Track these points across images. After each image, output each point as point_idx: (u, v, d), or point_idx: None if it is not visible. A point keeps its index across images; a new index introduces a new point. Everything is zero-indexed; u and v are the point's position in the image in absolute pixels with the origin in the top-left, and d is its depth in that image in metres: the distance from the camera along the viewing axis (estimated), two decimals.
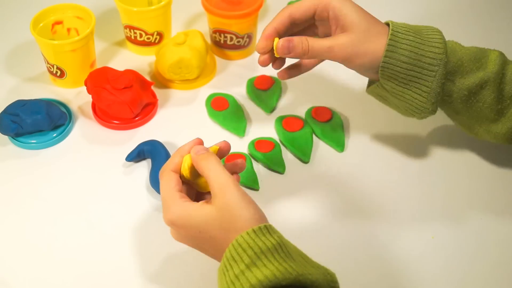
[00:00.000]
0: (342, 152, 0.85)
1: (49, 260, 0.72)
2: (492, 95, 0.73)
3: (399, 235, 0.75)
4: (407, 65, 0.71)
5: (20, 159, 0.83)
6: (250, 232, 0.59)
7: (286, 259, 0.57)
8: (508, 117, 0.74)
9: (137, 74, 0.88)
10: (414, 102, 0.73)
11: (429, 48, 0.71)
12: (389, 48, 0.70)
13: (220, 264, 0.61)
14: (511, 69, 0.74)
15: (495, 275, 0.72)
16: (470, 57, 0.73)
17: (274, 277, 0.55)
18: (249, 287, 0.56)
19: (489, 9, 1.07)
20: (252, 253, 0.58)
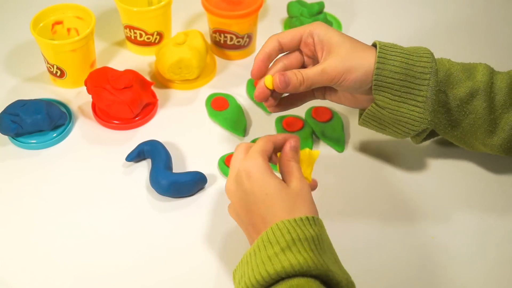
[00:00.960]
0: (342, 152, 0.85)
1: (49, 259, 0.72)
2: (484, 105, 0.74)
3: (399, 235, 0.75)
4: (400, 75, 0.71)
5: (20, 159, 0.83)
6: (292, 220, 0.60)
7: (320, 252, 0.59)
8: (501, 127, 0.75)
9: (137, 74, 0.88)
10: (412, 114, 0.73)
11: (418, 58, 0.72)
12: (380, 60, 0.71)
13: (250, 248, 0.61)
14: (500, 79, 0.75)
15: (495, 275, 0.72)
16: (458, 68, 0.75)
17: (306, 265, 0.57)
18: (280, 267, 0.57)
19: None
20: (289, 238, 0.59)
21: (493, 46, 1.02)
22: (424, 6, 1.09)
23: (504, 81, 0.75)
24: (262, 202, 0.63)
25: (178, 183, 0.77)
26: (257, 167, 0.64)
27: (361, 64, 0.72)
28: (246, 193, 0.64)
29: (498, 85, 0.74)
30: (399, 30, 1.04)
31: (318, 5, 0.99)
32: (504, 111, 0.74)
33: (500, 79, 0.75)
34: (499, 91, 0.74)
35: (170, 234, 0.75)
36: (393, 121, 0.75)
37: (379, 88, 0.72)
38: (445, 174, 0.82)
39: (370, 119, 0.77)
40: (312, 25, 0.74)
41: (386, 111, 0.74)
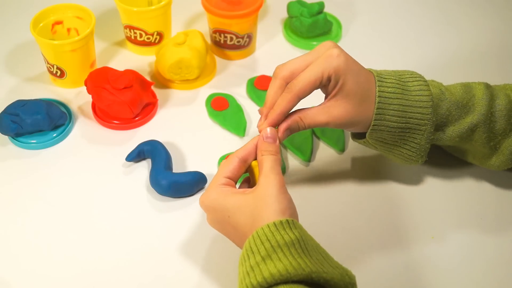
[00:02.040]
0: (342, 152, 0.85)
1: (49, 259, 0.72)
2: (484, 135, 0.74)
3: (399, 235, 0.75)
4: (396, 129, 0.72)
5: (20, 159, 0.83)
6: (271, 225, 0.60)
7: (302, 255, 0.58)
8: (501, 151, 0.75)
9: (137, 74, 0.88)
10: (404, 156, 0.75)
11: (416, 109, 0.71)
12: (377, 117, 0.70)
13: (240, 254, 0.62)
14: (499, 105, 0.74)
15: (495, 275, 0.72)
16: (457, 105, 0.73)
17: (286, 272, 0.57)
18: (261, 279, 0.57)
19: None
20: (269, 245, 0.59)
21: (493, 45, 1.02)
22: (424, 5, 1.09)
23: (503, 107, 0.74)
24: (230, 225, 0.65)
25: (178, 183, 0.77)
26: (208, 199, 0.65)
27: (362, 121, 0.71)
28: (216, 222, 0.67)
29: (497, 114, 0.74)
30: (399, 30, 1.04)
31: (318, 5, 0.99)
32: (504, 136, 0.74)
33: (499, 105, 0.74)
34: (499, 118, 0.74)
35: (170, 234, 0.75)
36: (385, 154, 0.77)
37: (373, 138, 0.73)
38: (445, 173, 0.82)
39: (362, 144, 0.77)
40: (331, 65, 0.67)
41: (379, 149, 0.76)
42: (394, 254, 0.74)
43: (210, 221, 0.68)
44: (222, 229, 0.67)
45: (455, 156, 0.82)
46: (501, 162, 0.76)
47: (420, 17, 1.07)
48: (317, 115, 0.70)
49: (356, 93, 0.69)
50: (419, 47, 1.01)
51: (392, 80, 0.71)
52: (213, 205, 0.65)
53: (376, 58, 0.99)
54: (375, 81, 0.71)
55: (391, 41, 1.02)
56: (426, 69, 0.96)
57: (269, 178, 0.64)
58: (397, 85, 0.71)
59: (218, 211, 0.65)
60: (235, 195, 0.64)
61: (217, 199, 0.65)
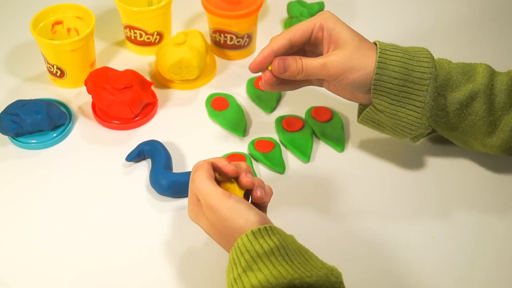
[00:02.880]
0: (342, 152, 0.85)
1: (49, 259, 0.72)
2: (484, 107, 0.74)
3: (399, 235, 0.75)
4: (398, 81, 0.71)
5: (20, 159, 0.83)
6: (249, 234, 0.60)
7: (282, 262, 0.58)
8: (501, 129, 0.75)
9: (137, 74, 0.88)
10: (409, 119, 0.73)
11: (418, 63, 0.72)
12: (379, 65, 0.71)
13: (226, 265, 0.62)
14: (500, 80, 0.75)
15: (495, 274, 0.72)
16: (458, 71, 0.74)
17: (267, 283, 0.56)
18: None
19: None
20: (248, 256, 0.59)
21: (492, 45, 1.02)
22: (423, 5, 1.09)
23: (504, 83, 0.74)
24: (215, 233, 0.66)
25: (178, 183, 0.77)
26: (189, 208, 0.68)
27: (362, 66, 0.71)
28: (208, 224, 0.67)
29: (498, 87, 0.74)
30: (399, 30, 1.04)
31: (318, 5, 0.99)
32: (504, 112, 0.74)
33: (500, 80, 0.75)
34: (499, 92, 0.74)
35: (170, 234, 0.75)
36: (391, 124, 0.75)
37: (378, 92, 0.72)
38: (445, 174, 0.82)
39: (369, 120, 0.77)
40: (322, 17, 0.73)
41: (384, 114, 0.74)
42: (394, 254, 0.74)
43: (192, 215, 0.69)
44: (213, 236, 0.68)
45: (455, 155, 0.82)
46: (502, 141, 0.75)
47: (420, 17, 1.07)
48: (315, 58, 0.72)
49: (353, 39, 0.72)
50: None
51: (391, 44, 0.74)
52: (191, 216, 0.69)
53: None
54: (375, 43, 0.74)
55: (391, 41, 1.02)
56: None
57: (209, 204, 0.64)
58: (398, 46, 0.74)
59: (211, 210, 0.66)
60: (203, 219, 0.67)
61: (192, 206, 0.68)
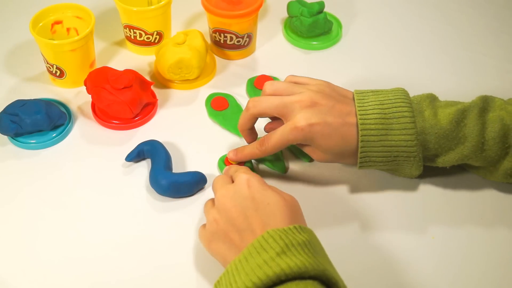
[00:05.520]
0: None
1: (49, 259, 0.72)
2: (477, 163, 0.75)
3: (400, 235, 0.75)
4: (384, 164, 0.74)
5: (20, 159, 0.83)
6: (281, 229, 0.61)
7: (315, 255, 0.60)
8: (499, 171, 0.75)
9: (137, 74, 0.87)
10: (399, 174, 0.79)
11: (402, 148, 0.73)
12: (362, 161, 0.74)
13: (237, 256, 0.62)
14: (491, 133, 0.72)
15: (495, 274, 0.72)
16: (446, 138, 0.73)
17: (304, 266, 0.57)
18: (279, 270, 0.57)
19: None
20: (283, 244, 0.60)
21: (493, 44, 1.01)
22: (424, 5, 1.09)
23: (496, 135, 0.72)
24: (262, 210, 0.65)
25: (178, 183, 0.77)
26: (257, 179, 0.68)
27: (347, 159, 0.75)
28: (246, 199, 0.66)
29: (489, 142, 0.72)
30: (399, 30, 1.04)
31: (318, 4, 0.98)
32: (499, 160, 0.74)
33: (491, 133, 0.72)
34: (491, 147, 0.72)
35: (169, 234, 0.75)
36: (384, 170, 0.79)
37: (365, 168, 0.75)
38: (446, 174, 0.82)
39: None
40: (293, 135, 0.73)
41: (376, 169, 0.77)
42: (395, 254, 0.73)
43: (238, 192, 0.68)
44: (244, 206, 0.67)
45: None
46: (502, 178, 0.76)
47: (420, 17, 1.07)
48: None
49: (332, 151, 0.73)
50: (419, 47, 1.01)
51: (376, 121, 0.72)
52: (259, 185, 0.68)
53: (376, 57, 0.99)
54: (358, 124, 0.72)
55: (391, 41, 1.02)
56: (425, 68, 0.97)
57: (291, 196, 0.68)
58: (381, 125, 0.72)
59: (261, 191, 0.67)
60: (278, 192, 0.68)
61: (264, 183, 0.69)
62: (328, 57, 0.99)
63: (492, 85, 0.79)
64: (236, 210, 0.65)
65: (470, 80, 0.94)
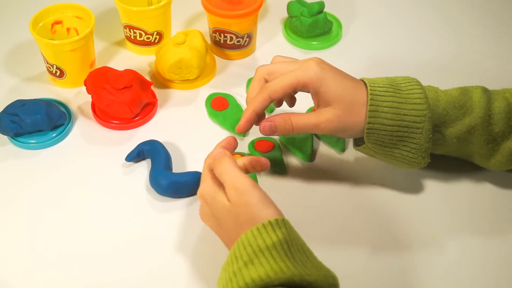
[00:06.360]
0: (342, 152, 0.84)
1: (49, 259, 0.72)
2: (482, 138, 0.74)
3: (399, 235, 0.75)
4: (392, 127, 0.71)
5: (20, 159, 0.83)
6: (254, 229, 0.60)
7: (283, 258, 0.58)
8: (500, 152, 0.75)
9: (137, 74, 0.87)
10: (404, 158, 0.73)
11: (411, 106, 0.71)
12: (371, 114, 0.70)
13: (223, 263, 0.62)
14: (497, 107, 0.73)
15: (495, 274, 0.72)
16: (454, 105, 0.73)
17: (267, 277, 0.57)
18: (243, 284, 0.57)
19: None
20: (251, 250, 0.59)
21: (493, 44, 1.02)
22: (424, 6, 1.09)
23: (502, 110, 0.73)
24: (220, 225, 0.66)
25: (177, 183, 0.77)
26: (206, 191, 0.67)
27: (355, 124, 0.71)
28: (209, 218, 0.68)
29: (495, 116, 0.73)
30: (399, 30, 1.04)
31: (318, 4, 0.98)
32: (503, 139, 0.74)
33: (498, 107, 0.73)
34: (497, 121, 0.73)
35: (169, 234, 0.75)
36: (387, 159, 0.76)
37: (371, 141, 0.72)
38: (446, 174, 0.82)
39: (364, 152, 0.77)
40: (305, 74, 0.70)
41: (379, 154, 0.75)
42: (394, 254, 0.73)
43: (203, 213, 0.68)
44: (213, 226, 0.68)
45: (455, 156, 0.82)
46: (500, 163, 0.75)
47: (420, 17, 1.07)
48: (307, 117, 0.71)
49: (343, 96, 0.69)
50: (419, 47, 1.01)
51: (384, 82, 0.72)
52: (207, 199, 0.66)
53: (376, 57, 0.99)
54: (366, 84, 0.71)
55: (391, 41, 1.02)
56: (425, 68, 0.97)
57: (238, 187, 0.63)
58: (389, 86, 0.71)
59: (211, 206, 0.66)
60: (221, 197, 0.65)
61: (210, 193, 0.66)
62: (328, 57, 0.98)
63: (492, 85, 0.79)
64: (211, 227, 0.68)
65: (470, 80, 0.94)
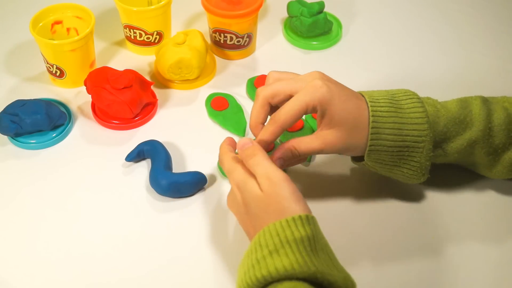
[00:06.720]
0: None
1: (49, 259, 0.72)
2: (483, 150, 0.74)
3: (399, 235, 0.75)
4: (393, 148, 0.71)
5: (20, 159, 0.83)
6: (283, 221, 0.60)
7: (309, 253, 0.59)
8: (501, 162, 0.75)
9: (137, 74, 0.88)
10: (404, 175, 0.74)
11: (413, 126, 0.71)
12: (373, 137, 0.70)
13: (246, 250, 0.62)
14: (497, 119, 0.73)
15: (495, 274, 0.72)
16: (454, 121, 0.73)
17: (291, 268, 0.57)
18: (266, 272, 0.57)
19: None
20: (278, 240, 0.59)
21: (493, 44, 1.02)
22: (424, 6, 1.09)
23: (502, 121, 0.73)
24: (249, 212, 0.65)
25: (178, 183, 0.77)
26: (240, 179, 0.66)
27: (358, 144, 0.71)
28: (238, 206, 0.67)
29: (495, 128, 0.73)
30: (399, 30, 1.04)
31: (318, 4, 0.98)
32: (503, 150, 0.74)
33: (497, 119, 0.73)
34: (497, 133, 0.73)
35: (169, 234, 0.75)
36: (387, 176, 0.76)
37: (372, 160, 0.72)
38: (446, 174, 0.82)
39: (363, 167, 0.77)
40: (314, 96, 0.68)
41: (379, 171, 0.75)
42: (394, 254, 0.74)
43: (233, 200, 0.67)
44: (239, 213, 0.67)
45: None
46: (501, 173, 0.76)
47: (420, 17, 1.07)
48: (311, 143, 0.71)
49: (347, 120, 0.69)
50: (419, 47, 1.01)
51: (385, 100, 0.71)
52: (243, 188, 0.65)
53: (376, 58, 0.99)
54: (367, 102, 0.71)
55: (391, 41, 1.02)
56: (425, 68, 0.97)
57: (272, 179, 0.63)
58: (390, 104, 0.71)
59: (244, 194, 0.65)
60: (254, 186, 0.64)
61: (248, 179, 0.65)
62: (328, 57, 0.99)
63: (492, 85, 0.79)
64: (237, 214, 0.68)
65: (470, 80, 0.94)
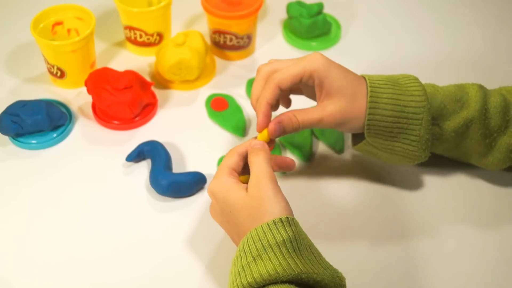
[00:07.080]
0: (342, 153, 0.85)
1: (49, 259, 0.73)
2: (479, 132, 0.74)
3: (398, 235, 0.75)
4: (392, 118, 0.71)
5: (20, 159, 0.83)
6: (264, 225, 0.60)
7: (292, 255, 0.59)
8: (497, 149, 0.75)
9: (137, 75, 0.88)
10: (405, 152, 0.74)
11: (410, 97, 0.71)
12: (371, 105, 0.70)
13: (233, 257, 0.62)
14: (493, 102, 0.74)
15: (495, 274, 0.72)
16: (451, 99, 0.74)
17: (275, 272, 0.57)
18: (251, 279, 0.58)
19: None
20: (260, 245, 0.59)
21: (493, 44, 1.02)
22: (422, 6, 1.10)
23: (498, 104, 0.74)
24: (231, 220, 0.65)
25: (178, 183, 0.77)
26: (218, 187, 0.66)
27: (358, 115, 0.71)
28: (219, 214, 0.67)
29: (492, 110, 0.74)
30: (398, 31, 1.04)
31: (318, 6, 0.99)
32: (499, 134, 0.75)
33: (493, 102, 0.74)
34: (493, 115, 0.74)
35: (170, 234, 0.75)
36: (387, 156, 0.76)
37: (372, 134, 0.72)
38: (445, 174, 0.82)
39: (363, 150, 0.77)
40: (312, 64, 0.70)
41: (380, 149, 0.75)
42: (393, 253, 0.74)
43: (213, 210, 0.68)
44: (222, 221, 0.67)
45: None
46: (498, 160, 0.76)
47: (418, 18, 1.07)
48: (310, 112, 0.71)
49: (346, 89, 0.70)
50: (418, 48, 1.01)
51: (383, 77, 0.73)
52: (218, 196, 0.65)
53: (375, 58, 0.99)
54: (365, 78, 0.72)
55: (390, 42, 1.02)
56: (424, 69, 0.97)
57: (260, 178, 0.64)
58: (388, 80, 0.73)
59: (221, 203, 0.65)
60: (238, 190, 0.64)
61: (223, 189, 0.65)
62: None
63: (492, 85, 0.79)
64: (221, 224, 0.68)
65: (469, 81, 0.94)
